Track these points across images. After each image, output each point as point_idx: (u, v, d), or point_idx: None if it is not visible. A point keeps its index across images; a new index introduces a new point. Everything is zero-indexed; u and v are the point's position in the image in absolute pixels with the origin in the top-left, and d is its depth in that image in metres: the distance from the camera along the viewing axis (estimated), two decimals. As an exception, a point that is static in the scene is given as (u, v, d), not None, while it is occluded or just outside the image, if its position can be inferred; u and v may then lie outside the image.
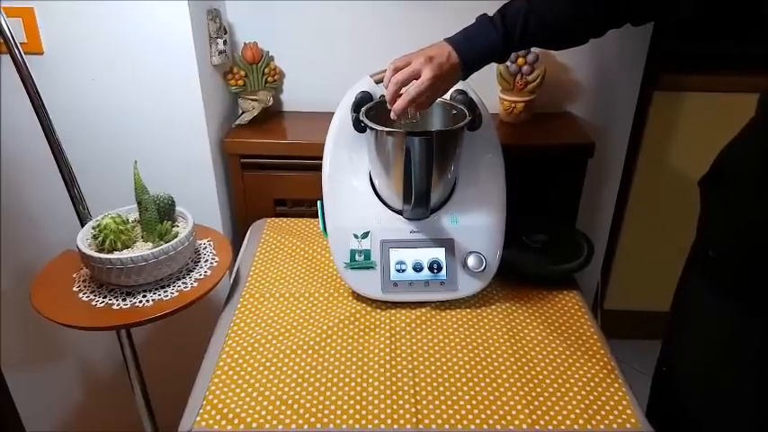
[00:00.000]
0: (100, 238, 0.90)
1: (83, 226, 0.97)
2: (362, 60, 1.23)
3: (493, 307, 0.95)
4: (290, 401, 0.77)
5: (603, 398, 0.78)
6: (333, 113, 1.00)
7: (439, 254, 0.95)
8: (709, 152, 1.60)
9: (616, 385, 0.80)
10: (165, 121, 1.12)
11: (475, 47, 0.83)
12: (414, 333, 0.89)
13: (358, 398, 0.78)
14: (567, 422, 0.75)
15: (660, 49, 1.34)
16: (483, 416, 0.75)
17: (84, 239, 0.92)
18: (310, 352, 0.86)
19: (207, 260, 0.99)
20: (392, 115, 0.84)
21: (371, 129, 0.89)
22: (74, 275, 0.96)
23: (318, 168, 0.99)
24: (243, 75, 1.23)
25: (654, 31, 1.29)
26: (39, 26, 1.04)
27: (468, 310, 0.95)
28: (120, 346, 1.04)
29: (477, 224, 0.96)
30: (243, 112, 1.26)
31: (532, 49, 1.22)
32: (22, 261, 1.24)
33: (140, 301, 0.89)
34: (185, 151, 1.15)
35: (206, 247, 1.03)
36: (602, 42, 1.27)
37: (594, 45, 1.27)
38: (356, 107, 0.93)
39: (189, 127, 1.13)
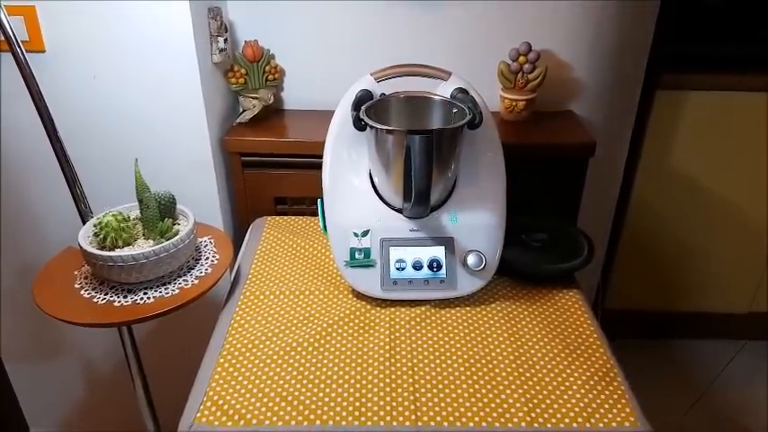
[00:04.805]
0: (101, 236, 0.90)
1: (84, 224, 0.97)
2: (363, 58, 1.24)
3: (493, 305, 0.96)
4: (289, 398, 0.78)
5: (603, 396, 0.78)
6: (333, 111, 1.00)
7: (439, 252, 0.95)
8: (711, 151, 1.60)
9: (615, 384, 0.80)
10: (166, 120, 1.13)
11: None
12: (413, 331, 0.90)
13: (357, 395, 0.78)
14: (566, 420, 0.75)
15: (662, 50, 1.34)
16: (482, 413, 0.75)
17: (85, 237, 0.92)
18: (310, 349, 0.86)
19: (208, 258, 1.00)
20: None
21: (371, 127, 0.89)
22: (75, 272, 0.97)
23: (319, 167, 0.99)
24: (243, 73, 1.23)
25: (656, 31, 1.28)
26: (40, 24, 1.05)
27: (467, 308, 0.95)
28: (122, 343, 1.04)
29: (477, 223, 0.96)
30: (243, 111, 1.26)
31: (534, 47, 1.22)
32: (24, 258, 1.24)
33: (141, 299, 0.90)
34: (186, 149, 1.16)
35: (207, 245, 1.03)
36: (604, 41, 1.27)
37: (596, 44, 1.28)
38: (356, 105, 0.93)
39: (190, 125, 1.13)
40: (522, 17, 1.23)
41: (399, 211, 0.96)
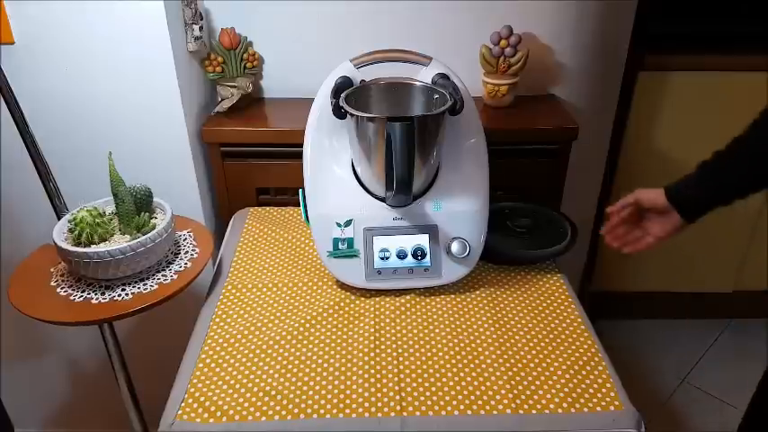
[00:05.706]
0: (76, 232, 0.88)
1: (59, 220, 0.95)
2: (343, 44, 1.21)
3: (477, 292, 0.95)
4: (273, 392, 0.77)
5: (588, 381, 0.78)
6: (314, 99, 0.98)
7: (423, 240, 0.94)
8: (695, 132, 1.60)
9: (600, 368, 0.80)
10: (142, 111, 1.10)
11: None
12: (398, 321, 0.89)
13: (342, 387, 0.77)
14: (551, 406, 0.74)
15: (645, 30, 1.32)
16: (467, 401, 0.75)
17: (60, 233, 0.90)
18: (294, 342, 0.85)
19: (187, 252, 0.98)
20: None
21: (351, 115, 0.88)
22: (52, 270, 0.95)
23: (301, 156, 0.97)
24: (221, 61, 1.20)
25: (638, 12, 1.27)
26: (8, 15, 1.01)
27: (452, 296, 0.94)
28: (104, 340, 1.03)
29: (460, 210, 0.95)
30: (222, 100, 1.23)
31: (515, 31, 1.20)
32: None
33: (119, 295, 0.88)
34: (163, 141, 1.13)
35: (186, 239, 1.01)
36: (586, 23, 1.26)
37: (578, 26, 1.26)
38: (336, 93, 0.91)
39: (166, 116, 1.11)
40: (503, 0, 1.22)
41: (382, 199, 0.95)
